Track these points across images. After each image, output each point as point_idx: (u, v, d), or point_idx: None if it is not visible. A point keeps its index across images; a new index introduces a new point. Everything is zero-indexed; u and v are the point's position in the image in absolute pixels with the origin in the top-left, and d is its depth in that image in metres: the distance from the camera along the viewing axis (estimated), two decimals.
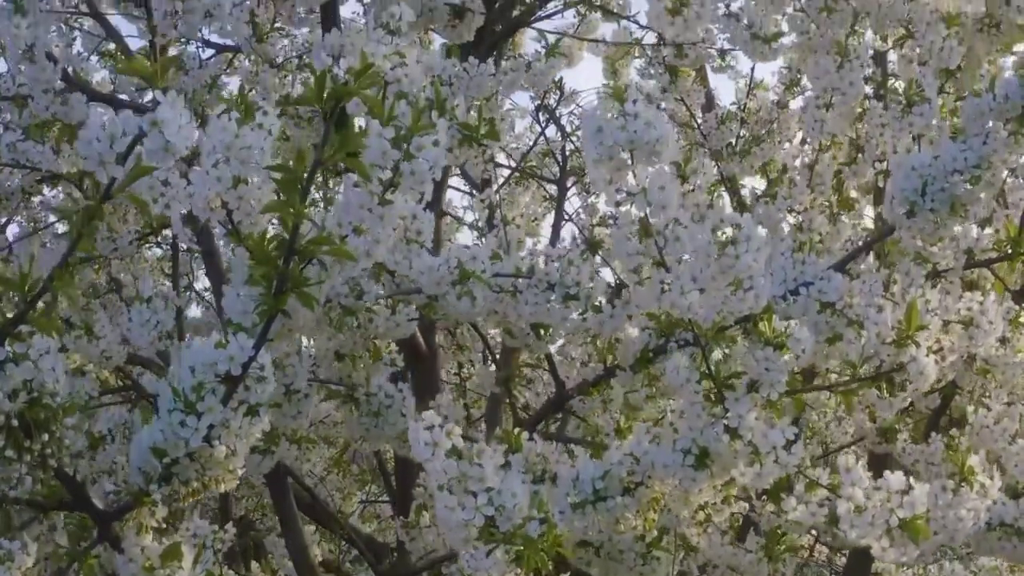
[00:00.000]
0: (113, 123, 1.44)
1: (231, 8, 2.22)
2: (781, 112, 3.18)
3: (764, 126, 3.24)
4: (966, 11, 2.78)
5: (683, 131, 3.58)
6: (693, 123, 3.60)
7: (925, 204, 2.17)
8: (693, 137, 3.58)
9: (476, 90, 2.53)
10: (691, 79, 3.46)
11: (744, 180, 3.74)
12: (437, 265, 2.00)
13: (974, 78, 2.98)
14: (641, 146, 1.73)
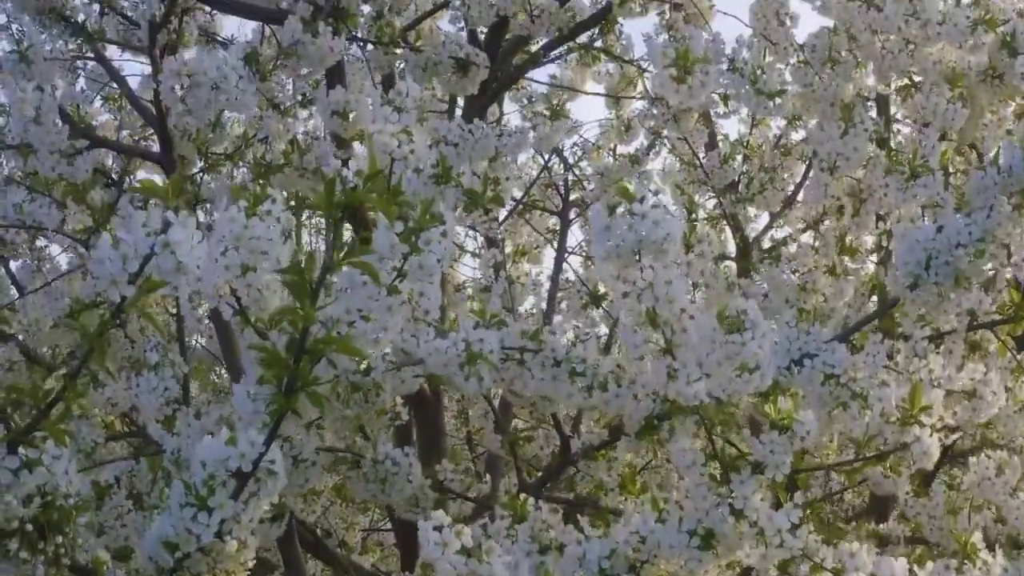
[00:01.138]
0: (125, 244, 1.44)
1: (237, 80, 2.21)
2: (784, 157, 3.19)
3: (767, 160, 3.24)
4: (969, 63, 2.79)
5: (686, 169, 3.59)
6: (696, 161, 3.61)
7: (929, 277, 2.18)
8: (696, 175, 3.59)
9: (481, 152, 2.53)
10: (694, 119, 3.47)
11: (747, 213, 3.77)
12: (445, 348, 2.01)
13: (976, 127, 2.99)
14: (649, 245, 1.74)
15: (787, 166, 3.21)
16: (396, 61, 2.84)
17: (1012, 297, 2.43)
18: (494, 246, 3.05)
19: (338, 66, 2.81)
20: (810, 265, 2.60)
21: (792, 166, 3.28)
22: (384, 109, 2.12)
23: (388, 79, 2.99)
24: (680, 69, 2.30)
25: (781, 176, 3.17)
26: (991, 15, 2.63)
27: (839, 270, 2.66)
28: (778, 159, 3.20)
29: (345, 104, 2.69)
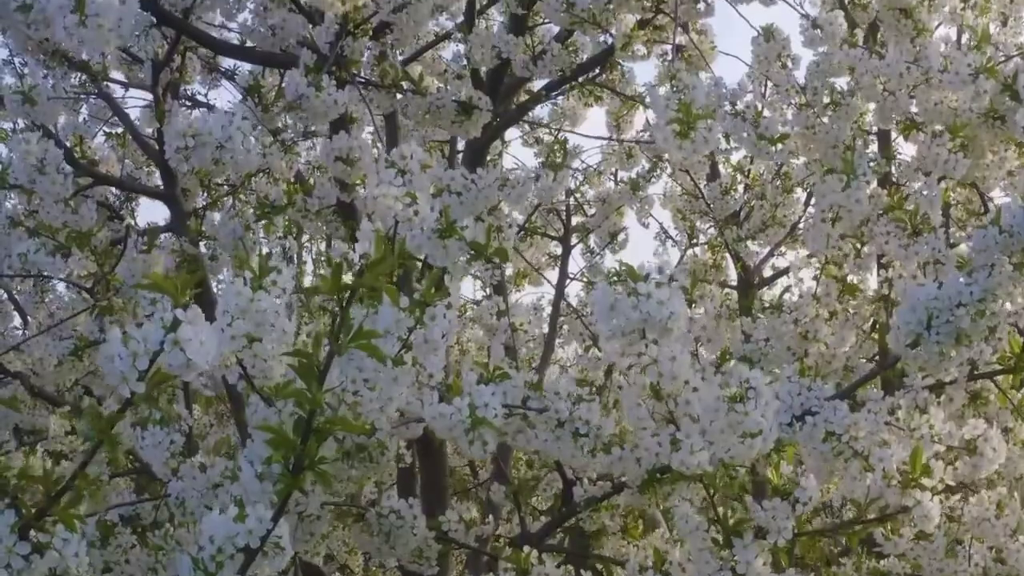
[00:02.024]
0: (135, 342, 1.45)
1: (241, 140, 2.22)
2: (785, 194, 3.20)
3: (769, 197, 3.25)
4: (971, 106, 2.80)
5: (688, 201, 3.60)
6: (697, 192, 3.61)
7: (931, 337, 2.19)
8: (698, 206, 3.60)
9: (484, 202, 2.54)
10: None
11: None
12: (449, 414, 2.02)
13: (978, 167, 3.00)
14: (654, 324, 1.75)
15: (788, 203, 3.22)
16: (399, 103, 2.84)
17: (1012, 348, 2.44)
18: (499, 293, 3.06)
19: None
20: (811, 315, 2.62)
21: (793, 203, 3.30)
22: (388, 172, 2.13)
23: (391, 119, 3.00)
24: (683, 124, 2.31)
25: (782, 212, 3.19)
26: (992, 62, 2.63)
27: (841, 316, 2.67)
28: (779, 196, 3.22)
29: (349, 150, 2.69)
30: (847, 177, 2.43)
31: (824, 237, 2.47)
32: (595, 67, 3.03)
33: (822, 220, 2.50)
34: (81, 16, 2.18)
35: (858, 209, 2.43)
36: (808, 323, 2.60)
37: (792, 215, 3.38)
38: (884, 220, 2.58)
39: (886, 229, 2.57)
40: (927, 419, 2.28)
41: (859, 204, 2.44)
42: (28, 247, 2.61)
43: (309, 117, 2.58)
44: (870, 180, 2.44)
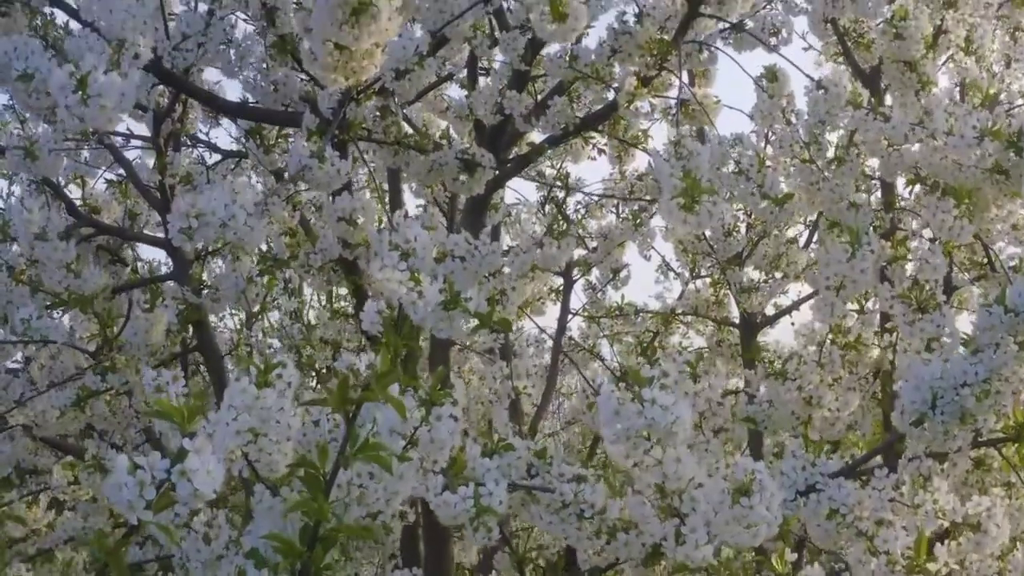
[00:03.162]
0: (141, 472, 1.45)
1: (245, 219, 2.21)
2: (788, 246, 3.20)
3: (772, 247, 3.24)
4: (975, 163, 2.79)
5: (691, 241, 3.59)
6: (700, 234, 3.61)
7: (935, 416, 2.19)
8: (700, 247, 3.60)
9: (487, 267, 2.54)
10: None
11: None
12: (454, 503, 2.02)
13: (982, 220, 2.99)
14: (658, 430, 1.75)
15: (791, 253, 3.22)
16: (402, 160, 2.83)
17: (1017, 417, 2.44)
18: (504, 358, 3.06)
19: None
20: (815, 382, 2.62)
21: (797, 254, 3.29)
22: (391, 255, 2.13)
23: (394, 174, 2.99)
24: (688, 199, 2.30)
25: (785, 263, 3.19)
26: (998, 126, 2.62)
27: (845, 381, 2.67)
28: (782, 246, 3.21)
29: (351, 211, 2.69)
30: (852, 248, 2.42)
31: (828, 307, 2.46)
32: (598, 121, 3.02)
33: (826, 288, 2.49)
34: (83, 96, 2.18)
35: (863, 279, 2.43)
36: (812, 389, 2.60)
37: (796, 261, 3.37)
38: (887, 287, 2.58)
39: (890, 295, 2.56)
40: (931, 494, 2.28)
41: (864, 275, 2.43)
42: (30, 313, 2.60)
43: (312, 188, 2.57)
44: (874, 251, 2.43)
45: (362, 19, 2.11)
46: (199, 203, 2.20)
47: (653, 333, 4.22)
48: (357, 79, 2.32)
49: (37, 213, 2.53)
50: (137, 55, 2.37)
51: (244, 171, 3.82)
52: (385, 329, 2.16)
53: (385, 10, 2.11)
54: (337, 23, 2.13)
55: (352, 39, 2.14)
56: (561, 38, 2.48)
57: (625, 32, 2.85)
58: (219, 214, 2.21)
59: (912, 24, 2.92)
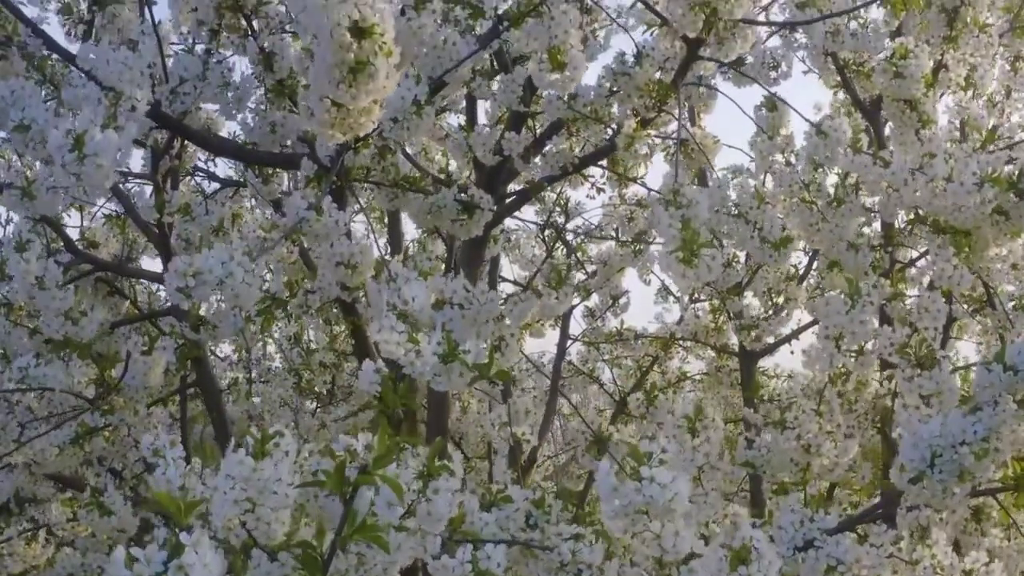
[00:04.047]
0: (139, 565, 1.45)
1: (243, 276, 2.21)
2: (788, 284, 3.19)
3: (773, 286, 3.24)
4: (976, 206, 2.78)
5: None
6: None
7: (934, 474, 2.19)
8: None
9: (485, 315, 2.53)
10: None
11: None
12: (452, 567, 2.02)
13: (982, 259, 2.98)
14: (657, 507, 1.74)
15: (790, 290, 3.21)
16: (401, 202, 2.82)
17: (1014, 468, 2.44)
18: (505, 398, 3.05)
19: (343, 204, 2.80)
20: (814, 431, 2.62)
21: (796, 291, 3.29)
22: (390, 318, 2.12)
23: (393, 215, 2.98)
24: (687, 252, 2.30)
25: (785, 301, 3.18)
26: (997, 172, 2.61)
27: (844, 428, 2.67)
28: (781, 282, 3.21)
29: (350, 256, 2.68)
30: (851, 300, 2.42)
31: (828, 358, 2.46)
32: (597, 160, 3.01)
33: (825, 338, 2.49)
34: (79, 155, 2.17)
35: (862, 331, 2.43)
36: (811, 438, 2.60)
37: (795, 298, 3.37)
38: (888, 330, 2.57)
39: (889, 341, 2.56)
40: (929, 549, 2.28)
41: (863, 326, 2.43)
42: (28, 361, 2.60)
43: (309, 241, 2.56)
44: (874, 302, 2.43)
45: (359, 78, 2.09)
46: (196, 262, 2.19)
47: (652, 358, 4.22)
48: (355, 135, 2.31)
49: (35, 263, 2.52)
50: (134, 107, 2.37)
51: (243, 198, 3.80)
52: (383, 390, 2.16)
53: (383, 69, 2.09)
54: (334, 82, 2.11)
55: (350, 98, 2.11)
56: (560, 87, 2.47)
57: (624, 73, 2.84)
58: (216, 273, 2.20)
59: (912, 63, 2.91)
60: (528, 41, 2.44)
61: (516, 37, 2.45)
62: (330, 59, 2.09)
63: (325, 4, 2.01)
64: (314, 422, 4.10)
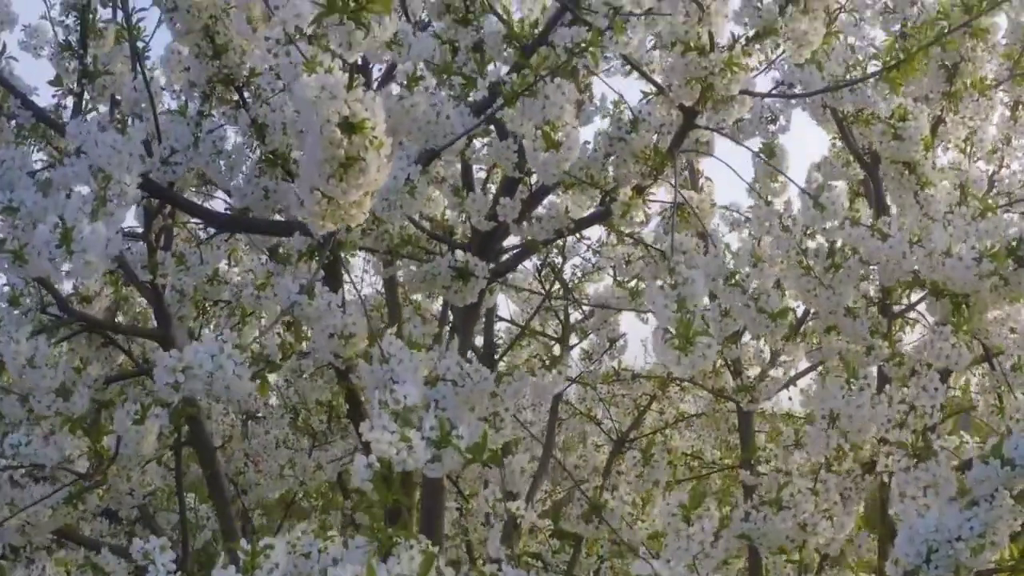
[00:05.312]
0: None
1: (232, 369, 2.19)
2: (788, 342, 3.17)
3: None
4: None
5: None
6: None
7: (929, 569, 2.17)
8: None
9: (479, 395, 2.51)
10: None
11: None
12: None
13: (981, 321, 2.96)
14: None
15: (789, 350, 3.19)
16: (396, 270, 2.80)
17: (1012, 552, 2.43)
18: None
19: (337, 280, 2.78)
20: (810, 510, 2.60)
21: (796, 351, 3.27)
22: (382, 417, 2.10)
23: (390, 281, 2.96)
24: (682, 340, 2.28)
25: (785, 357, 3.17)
26: (997, 248, 2.59)
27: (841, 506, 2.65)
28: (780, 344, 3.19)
29: (343, 327, 2.66)
30: (848, 384, 2.40)
31: (824, 441, 2.44)
32: (592, 224, 2.98)
33: (822, 416, 2.47)
34: (67, 250, 2.15)
35: (859, 415, 2.41)
36: (807, 518, 2.58)
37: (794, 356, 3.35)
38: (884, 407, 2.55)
39: (887, 418, 2.54)
40: None
41: (860, 410, 2.41)
42: (19, 439, 2.58)
43: (303, 321, 2.54)
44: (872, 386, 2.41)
45: (350, 174, 2.07)
46: (186, 356, 2.18)
47: (650, 397, 4.20)
48: (347, 225, 2.29)
49: (25, 343, 2.50)
50: (123, 192, 2.34)
51: (238, 240, 3.78)
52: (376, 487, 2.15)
53: (374, 163, 2.07)
54: (324, 176, 2.09)
55: (340, 193, 2.09)
56: (554, 167, 2.44)
57: (620, 139, 2.81)
58: (206, 367, 2.18)
59: (911, 125, 2.88)
60: (522, 121, 2.40)
61: (510, 116, 2.42)
62: (320, 155, 2.07)
63: (315, 100, 1.99)
64: (311, 463, 4.09)
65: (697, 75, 2.52)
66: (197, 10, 2.54)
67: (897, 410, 2.55)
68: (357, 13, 2.00)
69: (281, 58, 2.09)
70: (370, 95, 2.01)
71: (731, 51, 2.55)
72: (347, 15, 1.99)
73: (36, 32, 3.20)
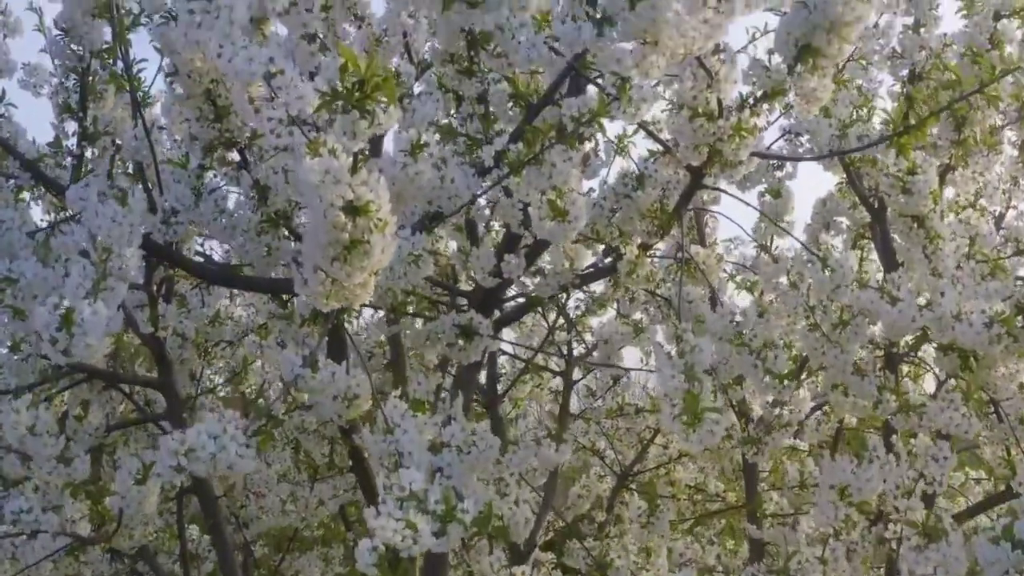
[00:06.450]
0: None
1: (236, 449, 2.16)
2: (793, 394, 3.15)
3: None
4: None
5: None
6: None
7: None
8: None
9: (483, 464, 2.49)
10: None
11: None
12: None
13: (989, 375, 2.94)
14: None
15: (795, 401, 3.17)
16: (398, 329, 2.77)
17: None
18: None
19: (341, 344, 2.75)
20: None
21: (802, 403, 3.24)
22: (388, 503, 2.08)
23: (395, 339, 2.93)
24: (691, 416, 2.25)
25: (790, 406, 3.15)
26: (1007, 313, 2.56)
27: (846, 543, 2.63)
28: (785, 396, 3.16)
29: (347, 390, 2.63)
30: (858, 458, 2.38)
31: (833, 513, 2.42)
32: (597, 279, 2.96)
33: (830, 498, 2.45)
34: (68, 332, 2.12)
35: (869, 488, 2.39)
36: None
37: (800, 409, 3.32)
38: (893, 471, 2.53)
39: (895, 485, 2.52)
40: None
41: (870, 483, 2.39)
42: (20, 505, 2.56)
43: (306, 392, 2.51)
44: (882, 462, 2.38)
45: (354, 256, 2.04)
46: (189, 439, 2.15)
47: (654, 430, 4.18)
48: (351, 304, 2.26)
49: (24, 413, 2.47)
50: (124, 266, 2.31)
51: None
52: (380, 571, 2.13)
53: (379, 245, 2.04)
54: (328, 259, 2.06)
55: (344, 275, 2.07)
56: (561, 236, 2.41)
57: (626, 195, 2.78)
58: (209, 449, 2.16)
59: (920, 179, 2.86)
60: (528, 190, 2.37)
61: (515, 183, 2.39)
62: (323, 238, 2.04)
63: (319, 184, 1.96)
64: (312, 498, 4.06)
65: (705, 141, 2.49)
66: (198, 75, 2.50)
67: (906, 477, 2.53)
68: (361, 102, 1.97)
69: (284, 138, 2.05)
70: (374, 176, 1.98)
71: (740, 114, 2.51)
72: (352, 104, 1.97)
73: (35, 71, 3.17)
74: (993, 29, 3.03)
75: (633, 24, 2.18)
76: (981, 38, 3.01)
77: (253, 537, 4.24)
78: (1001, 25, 3.03)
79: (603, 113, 2.32)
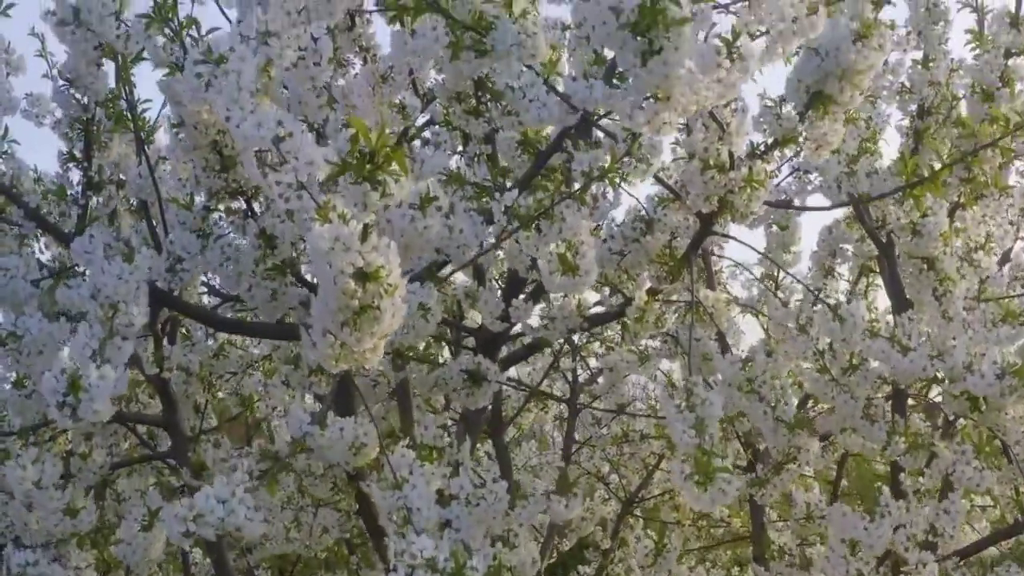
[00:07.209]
0: None
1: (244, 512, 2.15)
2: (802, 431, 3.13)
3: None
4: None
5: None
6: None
7: None
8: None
9: (492, 515, 2.48)
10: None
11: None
12: None
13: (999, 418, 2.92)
14: None
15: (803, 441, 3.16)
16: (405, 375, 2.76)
17: None
18: None
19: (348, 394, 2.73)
20: None
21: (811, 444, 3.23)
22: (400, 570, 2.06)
23: (402, 386, 2.91)
24: (703, 476, 2.24)
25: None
26: (1019, 366, 2.55)
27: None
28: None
29: (354, 439, 2.61)
30: (869, 515, 2.36)
31: (843, 567, 2.41)
32: (604, 323, 2.94)
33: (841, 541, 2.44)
34: (75, 398, 2.10)
35: (880, 544, 2.37)
36: None
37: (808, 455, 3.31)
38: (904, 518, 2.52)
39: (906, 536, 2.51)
40: None
41: (881, 539, 2.38)
42: (26, 558, 2.54)
43: (318, 456, 2.49)
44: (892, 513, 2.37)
45: (364, 321, 2.02)
46: (197, 504, 2.13)
47: (659, 456, 4.17)
48: (360, 366, 2.24)
49: (31, 468, 2.46)
50: (131, 323, 2.29)
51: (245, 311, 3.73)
52: None
53: (389, 310, 2.02)
54: (337, 324, 2.04)
55: (355, 341, 2.04)
56: (571, 290, 2.39)
57: (635, 240, 2.76)
58: (217, 514, 2.14)
59: (931, 221, 2.84)
60: (539, 246, 2.35)
61: (525, 238, 2.36)
62: (333, 304, 2.02)
63: (328, 251, 1.93)
64: (316, 525, 4.05)
65: (716, 192, 2.47)
66: (204, 127, 2.48)
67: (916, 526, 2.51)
68: (373, 173, 1.95)
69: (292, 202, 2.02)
70: (384, 241, 1.96)
71: (751, 163, 2.49)
72: (362, 176, 1.94)
73: (38, 101, 3.14)
74: (1004, 67, 3.01)
75: (645, 80, 2.15)
76: (992, 76, 2.99)
77: (256, 562, 4.23)
78: (1012, 63, 3.01)
79: (613, 170, 2.30)
